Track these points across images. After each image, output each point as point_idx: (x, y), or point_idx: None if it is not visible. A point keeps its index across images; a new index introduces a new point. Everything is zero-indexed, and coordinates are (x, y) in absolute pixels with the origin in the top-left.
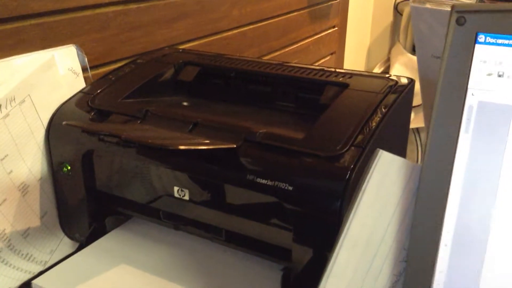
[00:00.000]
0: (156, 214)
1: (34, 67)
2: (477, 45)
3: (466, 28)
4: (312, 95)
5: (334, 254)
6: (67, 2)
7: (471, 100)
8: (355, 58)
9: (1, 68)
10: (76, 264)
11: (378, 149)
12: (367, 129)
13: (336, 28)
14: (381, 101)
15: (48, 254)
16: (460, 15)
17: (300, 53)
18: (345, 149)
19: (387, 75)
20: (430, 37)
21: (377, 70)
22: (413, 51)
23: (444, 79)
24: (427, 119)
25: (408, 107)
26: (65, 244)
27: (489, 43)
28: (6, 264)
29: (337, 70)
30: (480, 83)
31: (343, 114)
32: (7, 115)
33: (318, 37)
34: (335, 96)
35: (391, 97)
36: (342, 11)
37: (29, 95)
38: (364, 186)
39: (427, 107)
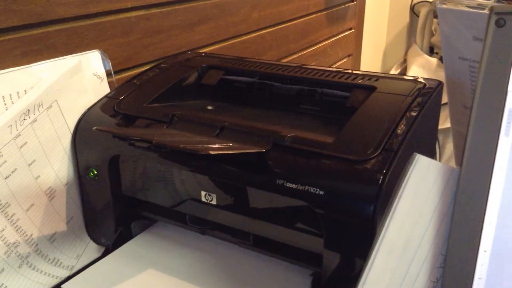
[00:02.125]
0: (182, 218)
1: (61, 72)
2: None
3: (506, 30)
4: (339, 99)
5: (370, 260)
6: (91, 7)
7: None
8: (371, 59)
9: (29, 73)
10: (104, 269)
11: (415, 153)
12: (398, 132)
13: (353, 30)
14: (410, 104)
15: (74, 259)
16: (500, 17)
17: (318, 55)
18: (377, 153)
19: (414, 78)
20: (456, 39)
21: (394, 71)
22: (430, 52)
23: (484, 81)
24: (453, 121)
25: (437, 110)
26: (91, 249)
27: None
28: (33, 269)
29: (363, 72)
30: None
31: (372, 117)
32: (35, 120)
33: (335, 39)
34: (363, 99)
35: (421, 100)
36: (358, 13)
37: (56, 100)
38: (401, 191)
39: (454, 109)
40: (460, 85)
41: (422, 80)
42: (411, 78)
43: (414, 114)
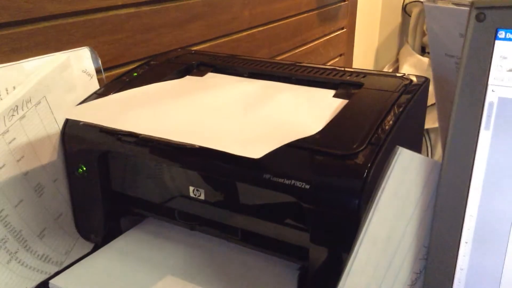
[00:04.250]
0: (171, 214)
1: (49, 69)
2: (497, 41)
3: (486, 24)
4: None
5: (354, 252)
6: (81, 4)
7: (492, 96)
8: (363, 59)
9: (17, 69)
10: (93, 264)
11: (397, 146)
12: (383, 127)
13: (345, 29)
14: (396, 100)
15: (63, 254)
16: (480, 11)
17: (310, 55)
18: (362, 148)
19: (401, 74)
20: (443, 36)
21: (386, 70)
22: (422, 52)
23: (464, 75)
24: (441, 118)
25: (423, 106)
26: (81, 245)
27: (510, 39)
28: (22, 264)
29: (351, 69)
30: (500, 79)
31: (358, 113)
32: (24, 116)
33: (327, 39)
34: (350, 95)
35: (406, 96)
36: (350, 13)
37: (44, 96)
38: (383, 183)
39: (441, 106)
40: (447, 82)
41: (408, 77)
42: (399, 74)
43: (400, 109)
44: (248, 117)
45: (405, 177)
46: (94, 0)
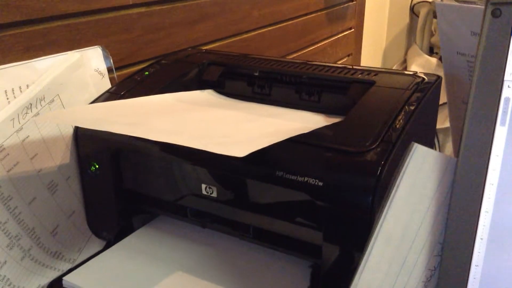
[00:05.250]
0: (183, 212)
1: (63, 67)
2: None
3: (502, 20)
4: (338, 93)
5: (368, 249)
6: (93, 3)
7: (508, 92)
8: (371, 59)
9: (30, 68)
10: (105, 262)
11: (412, 142)
12: (396, 125)
13: (353, 29)
14: (409, 98)
15: (76, 252)
16: (496, 7)
17: (318, 55)
18: (375, 145)
19: (413, 72)
20: (454, 34)
21: None
22: (430, 52)
23: (480, 71)
24: (452, 117)
25: (435, 104)
26: (93, 243)
27: None
28: (35, 261)
29: (362, 68)
30: None
31: (371, 110)
32: (37, 114)
33: (335, 39)
34: (362, 93)
35: (419, 94)
36: (358, 13)
37: (58, 94)
38: (398, 179)
39: (452, 105)
40: (459, 80)
41: (420, 75)
42: (410, 72)
43: (412, 107)
44: (245, 124)
45: (420, 174)
46: None
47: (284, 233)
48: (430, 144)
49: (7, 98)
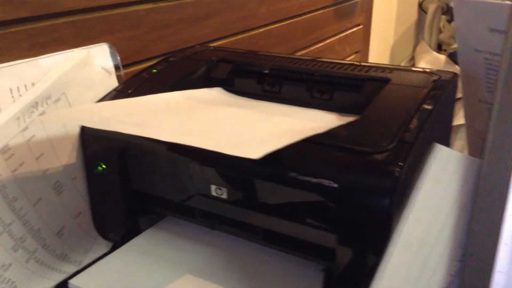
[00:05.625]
0: (191, 213)
1: (69, 65)
2: None
3: None
4: (351, 91)
5: (387, 254)
6: (99, 0)
7: None
8: (379, 56)
9: (36, 66)
10: (112, 264)
11: (434, 143)
12: (414, 124)
13: (361, 26)
14: (426, 96)
15: (82, 253)
16: None
17: (325, 52)
18: (393, 145)
19: (428, 70)
20: (471, 31)
21: None
22: (438, 49)
23: (507, 69)
24: (467, 115)
25: (452, 103)
26: (99, 244)
27: None
28: (41, 264)
29: (376, 65)
30: None
31: (387, 109)
32: (43, 113)
33: (343, 36)
34: (377, 91)
35: (436, 92)
36: (366, 9)
37: (64, 93)
38: (420, 182)
39: (468, 102)
40: (475, 78)
41: (436, 72)
42: (426, 70)
43: (430, 106)
44: (257, 123)
45: (442, 176)
46: None
47: (295, 236)
48: (446, 144)
49: (12, 97)
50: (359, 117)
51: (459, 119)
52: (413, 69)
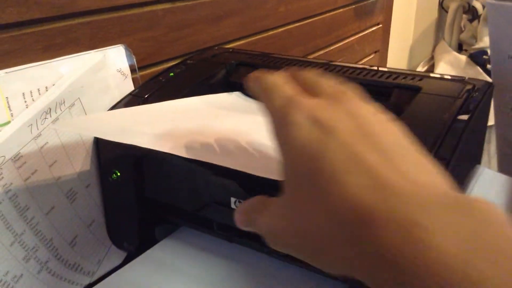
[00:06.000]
0: (209, 225)
1: (84, 68)
2: None
3: None
4: (378, 100)
5: None
6: (115, 0)
7: None
8: (398, 56)
9: (51, 69)
10: (127, 277)
11: (478, 165)
12: (449, 138)
13: (381, 25)
14: (461, 107)
15: (95, 264)
16: None
17: (345, 52)
18: None
19: (461, 78)
20: (505, 35)
21: (421, 68)
22: (459, 49)
23: None
24: (500, 124)
25: (486, 114)
26: (113, 254)
27: None
28: (53, 275)
29: (405, 71)
30: None
31: (419, 121)
32: (57, 119)
33: (363, 35)
34: (407, 101)
35: (471, 103)
36: (386, 8)
37: (79, 98)
38: None
39: (500, 111)
40: (508, 86)
41: (470, 81)
42: (458, 78)
43: (465, 118)
44: None
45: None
46: None
47: None
48: (479, 158)
49: (25, 101)
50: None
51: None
52: (445, 77)
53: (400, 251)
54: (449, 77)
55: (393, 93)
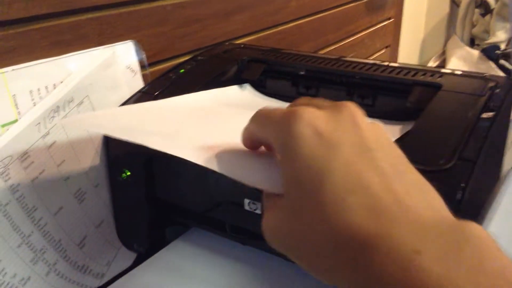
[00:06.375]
0: (222, 226)
1: (93, 65)
2: None
3: None
4: (397, 97)
5: None
6: None
7: None
8: (409, 51)
9: (58, 66)
10: (139, 279)
11: (510, 169)
12: (475, 138)
13: (392, 20)
14: (484, 105)
15: (105, 265)
16: None
17: (356, 46)
18: (452, 163)
19: (482, 74)
20: None
21: (432, 63)
22: (471, 44)
23: None
24: None
25: (509, 112)
26: (123, 255)
27: None
28: (61, 277)
29: (424, 68)
30: None
31: (442, 120)
32: (65, 117)
33: (374, 30)
34: (427, 99)
35: (496, 101)
36: (398, 2)
37: (87, 95)
38: (490, 210)
39: None
40: None
41: (492, 78)
42: (479, 75)
43: (490, 117)
44: None
45: None
46: None
47: None
48: (501, 158)
49: (32, 100)
50: (408, 127)
51: None
52: (466, 73)
53: (395, 277)
54: (470, 74)
55: (413, 90)
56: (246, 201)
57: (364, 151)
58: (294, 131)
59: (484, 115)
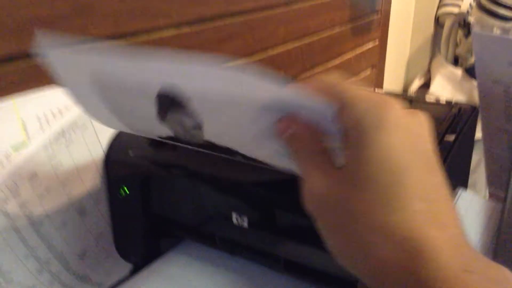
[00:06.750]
0: (212, 238)
1: None
2: None
3: None
4: None
5: None
6: (123, 27)
7: None
8: (394, 70)
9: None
10: None
11: (458, 187)
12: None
13: (377, 41)
14: (446, 130)
15: (104, 275)
16: None
17: (342, 68)
18: None
19: (448, 102)
20: (490, 63)
21: (417, 82)
22: (454, 63)
23: None
24: (487, 142)
25: (472, 137)
26: (120, 266)
27: None
28: (64, 286)
29: (393, 94)
30: None
31: None
32: (70, 141)
33: (360, 52)
34: None
35: (457, 126)
36: (383, 24)
37: (91, 121)
38: None
39: (487, 129)
40: (494, 107)
41: (456, 105)
42: (445, 102)
43: (451, 140)
44: None
45: (465, 219)
46: (137, 22)
47: (319, 268)
48: (466, 179)
49: (40, 124)
50: None
51: None
52: (433, 101)
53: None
54: (437, 101)
55: None
56: (234, 214)
57: (430, 170)
58: (388, 119)
59: (445, 140)
